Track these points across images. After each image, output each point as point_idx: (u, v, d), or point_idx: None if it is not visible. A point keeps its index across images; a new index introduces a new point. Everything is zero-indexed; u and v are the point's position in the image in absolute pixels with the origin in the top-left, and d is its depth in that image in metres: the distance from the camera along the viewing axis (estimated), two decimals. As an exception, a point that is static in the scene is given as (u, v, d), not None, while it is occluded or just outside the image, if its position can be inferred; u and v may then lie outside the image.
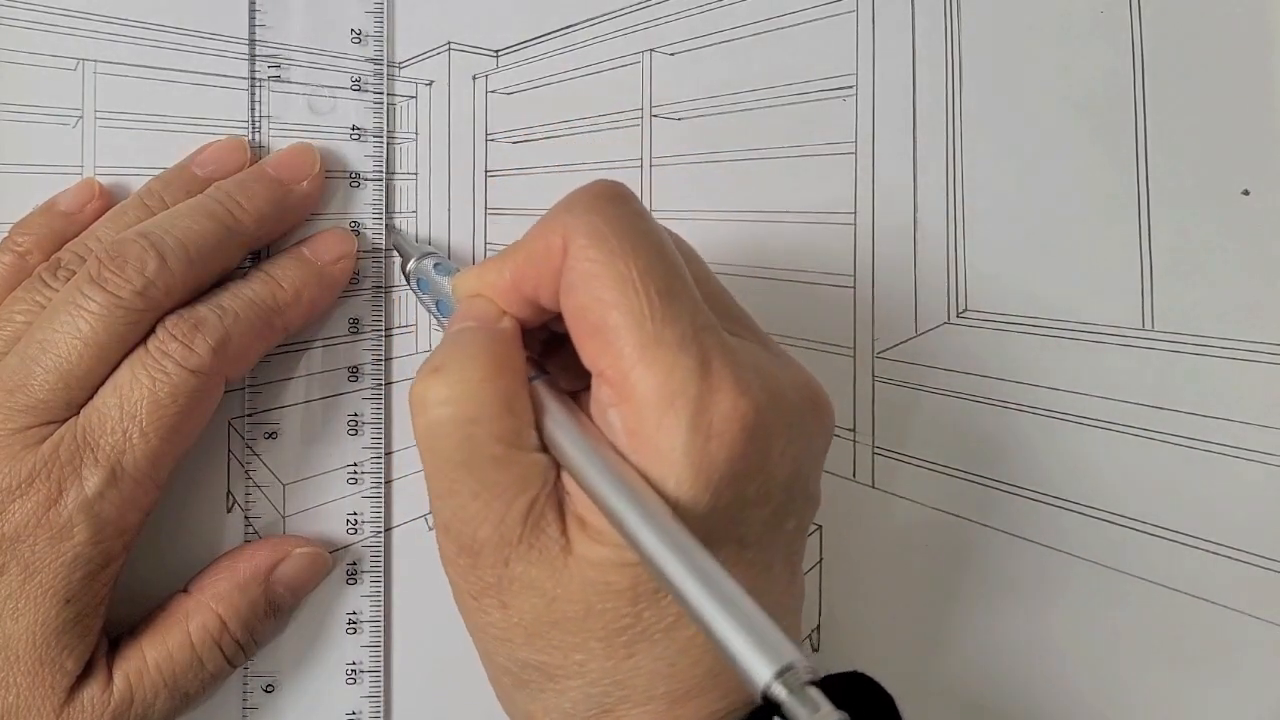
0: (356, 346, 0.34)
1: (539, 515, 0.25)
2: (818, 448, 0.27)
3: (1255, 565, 0.36)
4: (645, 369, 0.24)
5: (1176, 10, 0.37)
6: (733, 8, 0.36)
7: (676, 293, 0.25)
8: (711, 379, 0.24)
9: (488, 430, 0.25)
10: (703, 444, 0.24)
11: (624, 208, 0.26)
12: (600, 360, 0.25)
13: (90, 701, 0.29)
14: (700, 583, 0.22)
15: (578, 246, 0.25)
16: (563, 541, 0.25)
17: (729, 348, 0.25)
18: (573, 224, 0.25)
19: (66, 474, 0.29)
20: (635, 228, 0.25)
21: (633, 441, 0.25)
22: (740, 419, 0.24)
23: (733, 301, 0.29)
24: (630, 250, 0.25)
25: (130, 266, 0.29)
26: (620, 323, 0.24)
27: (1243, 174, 0.37)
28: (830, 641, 0.35)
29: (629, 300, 0.24)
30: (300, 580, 0.33)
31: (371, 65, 0.35)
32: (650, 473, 0.24)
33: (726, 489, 0.24)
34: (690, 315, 0.25)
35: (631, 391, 0.24)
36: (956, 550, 0.36)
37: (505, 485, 0.25)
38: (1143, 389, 0.36)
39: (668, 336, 0.24)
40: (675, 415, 0.24)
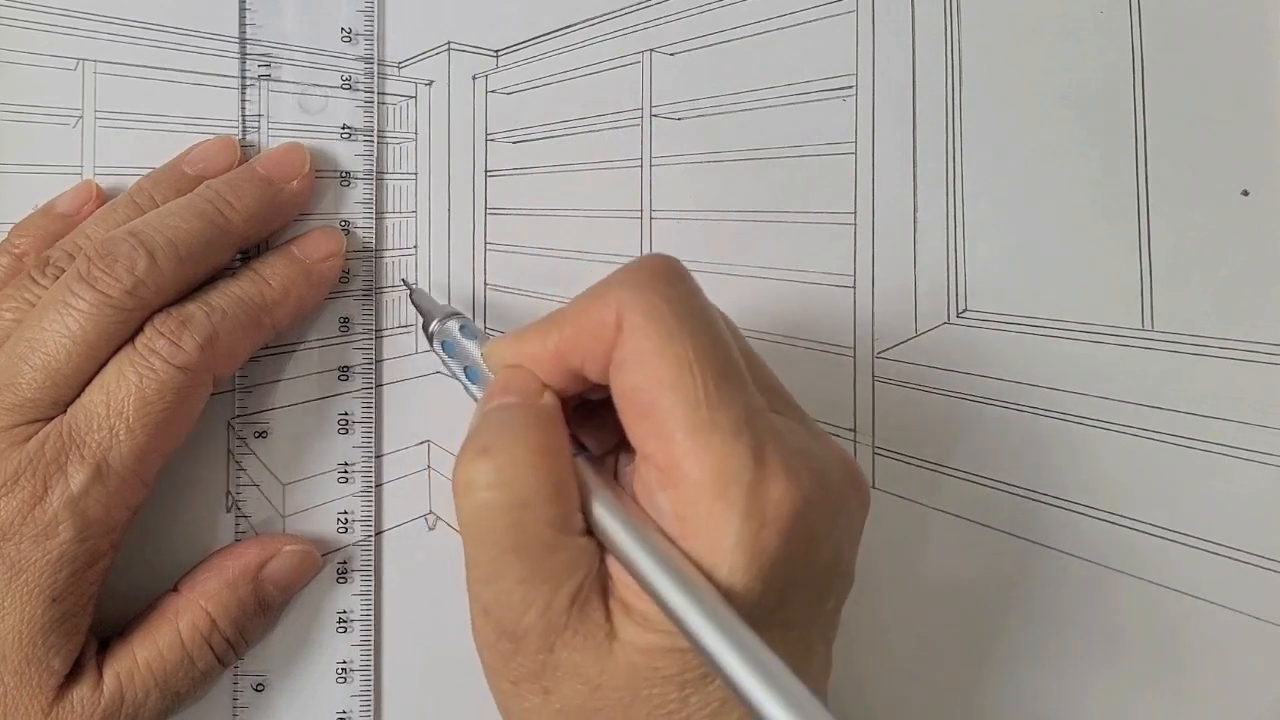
0: (347, 346, 0.34)
1: (585, 601, 0.25)
2: (856, 527, 0.27)
3: (1255, 565, 0.36)
4: (699, 455, 0.24)
5: (1176, 10, 0.37)
6: (733, 8, 0.36)
7: (730, 377, 0.24)
8: (764, 467, 0.24)
9: (537, 515, 0.25)
10: (756, 532, 0.24)
11: (681, 287, 0.25)
12: (650, 443, 0.25)
13: (80, 702, 0.29)
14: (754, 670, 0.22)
15: (633, 324, 0.24)
16: (608, 627, 0.25)
17: (778, 433, 0.25)
18: (628, 300, 0.25)
19: (52, 471, 0.28)
20: (692, 308, 0.25)
21: (683, 528, 0.24)
22: (793, 506, 0.24)
23: (772, 376, 0.28)
24: (688, 332, 0.24)
25: (120, 265, 0.29)
26: (674, 407, 0.24)
27: (1243, 174, 0.37)
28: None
29: (684, 383, 0.24)
30: (290, 578, 0.33)
31: (362, 64, 0.35)
32: (701, 559, 0.24)
33: (778, 576, 0.24)
34: (744, 400, 0.24)
35: (683, 477, 0.24)
36: (956, 550, 0.36)
37: (553, 571, 0.25)
38: (1143, 389, 0.36)
39: (722, 422, 0.24)
40: (729, 503, 0.24)
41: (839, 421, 0.36)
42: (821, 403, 0.36)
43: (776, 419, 0.25)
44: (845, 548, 0.26)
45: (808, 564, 0.25)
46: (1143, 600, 0.36)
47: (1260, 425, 0.36)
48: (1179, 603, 0.36)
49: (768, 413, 0.25)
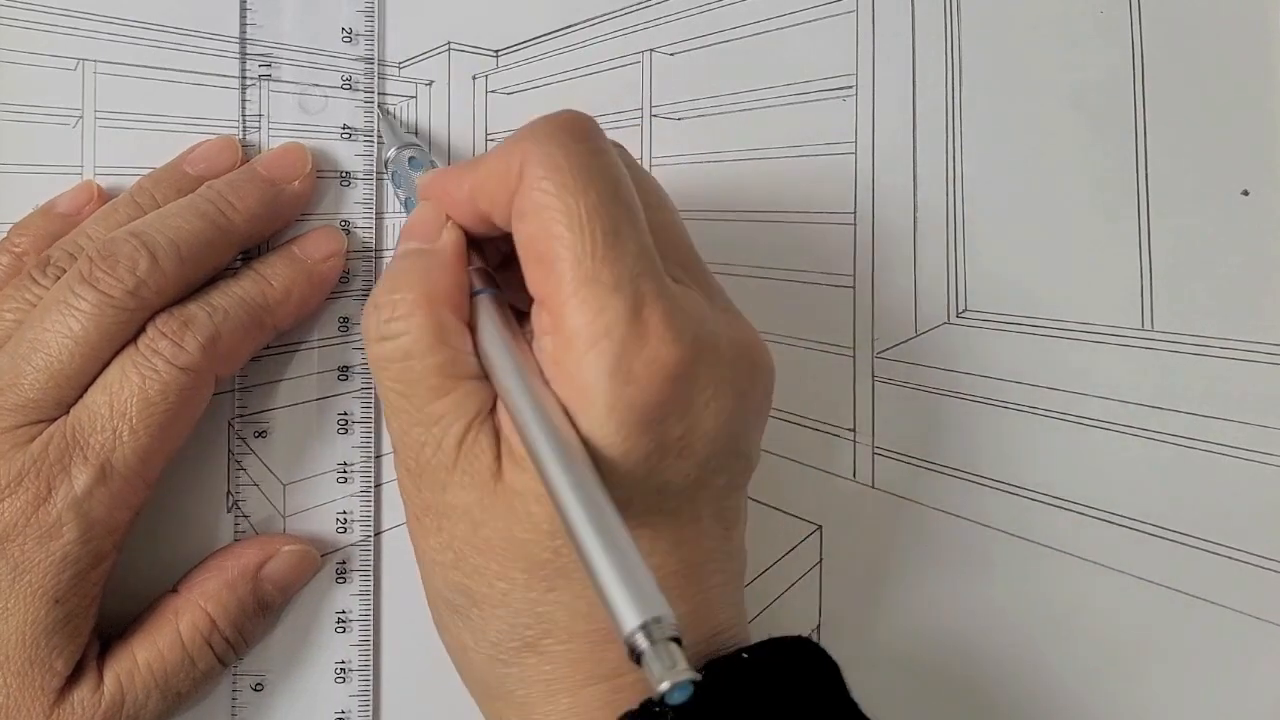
0: (346, 346, 0.34)
1: (473, 442, 0.26)
2: (751, 405, 0.27)
3: (1255, 565, 0.36)
4: (577, 304, 0.24)
5: (1176, 10, 0.37)
6: (733, 8, 0.36)
7: (622, 234, 0.25)
8: (641, 324, 0.24)
9: (424, 363, 0.26)
10: (621, 387, 0.24)
11: (584, 143, 0.26)
12: (542, 288, 0.25)
13: (81, 703, 0.29)
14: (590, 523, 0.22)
15: (532, 175, 0.25)
16: (494, 467, 0.26)
17: (668, 294, 0.25)
18: (532, 151, 0.25)
19: (55, 472, 0.28)
20: (591, 164, 0.25)
21: (555, 372, 0.25)
22: (663, 366, 0.24)
23: (690, 251, 0.28)
24: (582, 186, 0.25)
25: (122, 265, 0.29)
26: (562, 256, 0.24)
27: (1243, 174, 0.37)
28: (830, 641, 0.35)
29: (573, 235, 0.24)
30: (289, 578, 0.33)
31: (363, 64, 0.35)
32: (570, 407, 0.24)
33: (643, 434, 0.24)
34: (633, 258, 0.25)
35: (563, 324, 0.25)
36: (956, 550, 0.36)
37: (442, 413, 0.26)
38: (1143, 389, 0.36)
39: (604, 276, 0.24)
40: (598, 354, 0.24)
41: (839, 421, 0.36)
42: (821, 403, 0.36)
43: (673, 285, 0.26)
44: (737, 424, 0.26)
45: (683, 431, 0.25)
46: (1143, 600, 0.36)
47: (1260, 425, 0.36)
48: (1179, 602, 0.36)
49: (661, 275, 0.25)
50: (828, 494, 0.36)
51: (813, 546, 0.35)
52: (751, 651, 0.26)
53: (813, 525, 0.35)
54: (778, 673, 0.26)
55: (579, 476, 0.23)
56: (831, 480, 0.36)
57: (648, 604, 0.21)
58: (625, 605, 0.21)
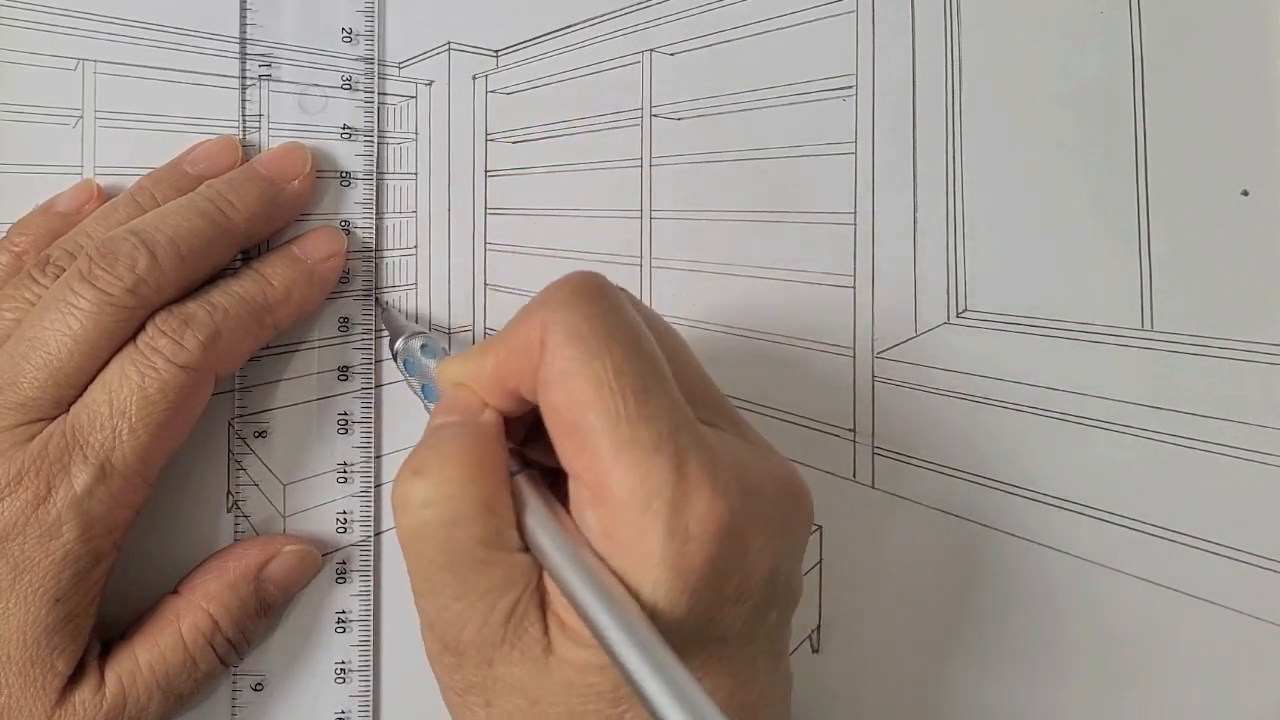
0: (346, 346, 0.34)
1: (521, 616, 0.25)
2: (797, 540, 0.27)
3: (1255, 565, 0.36)
4: (621, 471, 0.23)
5: (1176, 10, 0.37)
6: (733, 8, 0.36)
7: (652, 391, 0.24)
8: (687, 481, 0.23)
9: (469, 533, 0.25)
10: (679, 548, 0.23)
11: (601, 303, 0.25)
12: (576, 462, 0.24)
13: (83, 704, 0.29)
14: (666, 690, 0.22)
15: (554, 344, 0.24)
16: (545, 642, 0.25)
17: (705, 445, 0.24)
18: (550, 320, 0.25)
19: (55, 471, 0.28)
20: (611, 324, 0.25)
21: (609, 545, 0.24)
22: (717, 520, 0.24)
23: (712, 389, 0.28)
24: (606, 350, 0.24)
25: (121, 264, 0.29)
26: (595, 424, 0.24)
27: (1243, 174, 0.36)
28: (830, 641, 0.35)
29: (604, 401, 0.24)
30: (290, 578, 0.33)
31: (363, 64, 0.35)
32: (628, 577, 0.24)
33: (705, 591, 0.24)
34: (667, 414, 0.24)
35: (608, 495, 0.24)
36: (956, 550, 0.36)
37: (488, 587, 0.25)
38: (1143, 389, 0.36)
39: (643, 437, 0.24)
40: (652, 519, 0.23)
41: (839, 421, 0.36)
42: (821, 403, 0.36)
43: (708, 431, 0.25)
44: (785, 561, 0.26)
45: (740, 579, 0.24)
46: (1142, 600, 0.36)
47: (1260, 425, 0.36)
48: (1179, 602, 0.36)
49: (696, 425, 0.25)
50: (828, 494, 0.35)
51: (812, 546, 0.35)
52: None
53: (813, 525, 0.35)
54: None
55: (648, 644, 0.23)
56: (831, 480, 0.36)
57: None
58: None
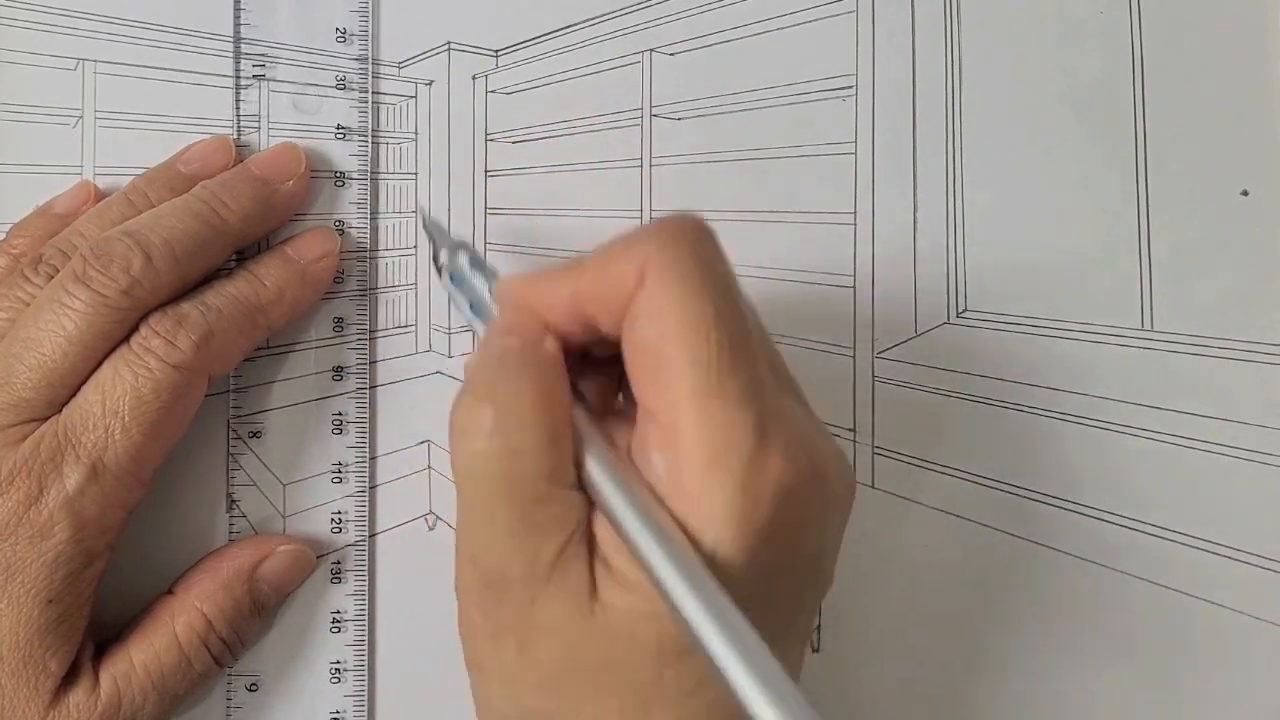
0: (341, 346, 0.34)
1: (571, 557, 0.24)
2: (841, 523, 0.27)
3: (1255, 565, 0.35)
4: (701, 419, 0.23)
5: (1176, 10, 0.37)
6: (733, 8, 0.36)
7: (744, 347, 0.24)
8: (766, 441, 0.23)
9: (533, 465, 0.24)
10: (748, 504, 0.23)
11: (708, 248, 0.25)
12: (654, 399, 0.24)
13: (77, 706, 0.29)
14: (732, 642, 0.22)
15: (657, 278, 0.24)
16: (590, 586, 0.24)
17: (783, 412, 0.24)
18: (655, 255, 0.24)
19: (47, 471, 0.28)
20: (716, 271, 0.24)
21: (674, 490, 0.24)
22: (788, 486, 0.23)
23: (780, 359, 0.27)
24: (709, 294, 0.23)
25: (115, 265, 0.29)
26: (684, 366, 0.23)
27: (1243, 174, 0.36)
28: (830, 641, 0.35)
29: (698, 344, 0.23)
30: (284, 578, 0.33)
31: (357, 64, 0.34)
32: (689, 524, 0.23)
33: (763, 554, 0.23)
34: (752, 371, 0.24)
35: (681, 439, 0.23)
36: (957, 551, 0.35)
37: (543, 523, 0.24)
38: (1143, 389, 0.36)
39: (730, 390, 0.23)
40: (725, 471, 0.23)
41: (839, 421, 0.36)
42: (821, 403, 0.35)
43: (783, 399, 0.25)
44: (829, 542, 0.26)
45: (794, 549, 0.24)
46: (1143, 600, 0.35)
47: (1260, 425, 0.36)
48: (1179, 602, 0.35)
49: (776, 390, 0.25)
50: (827, 494, 0.35)
51: (813, 546, 0.35)
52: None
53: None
54: None
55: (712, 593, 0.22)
56: (832, 480, 0.35)
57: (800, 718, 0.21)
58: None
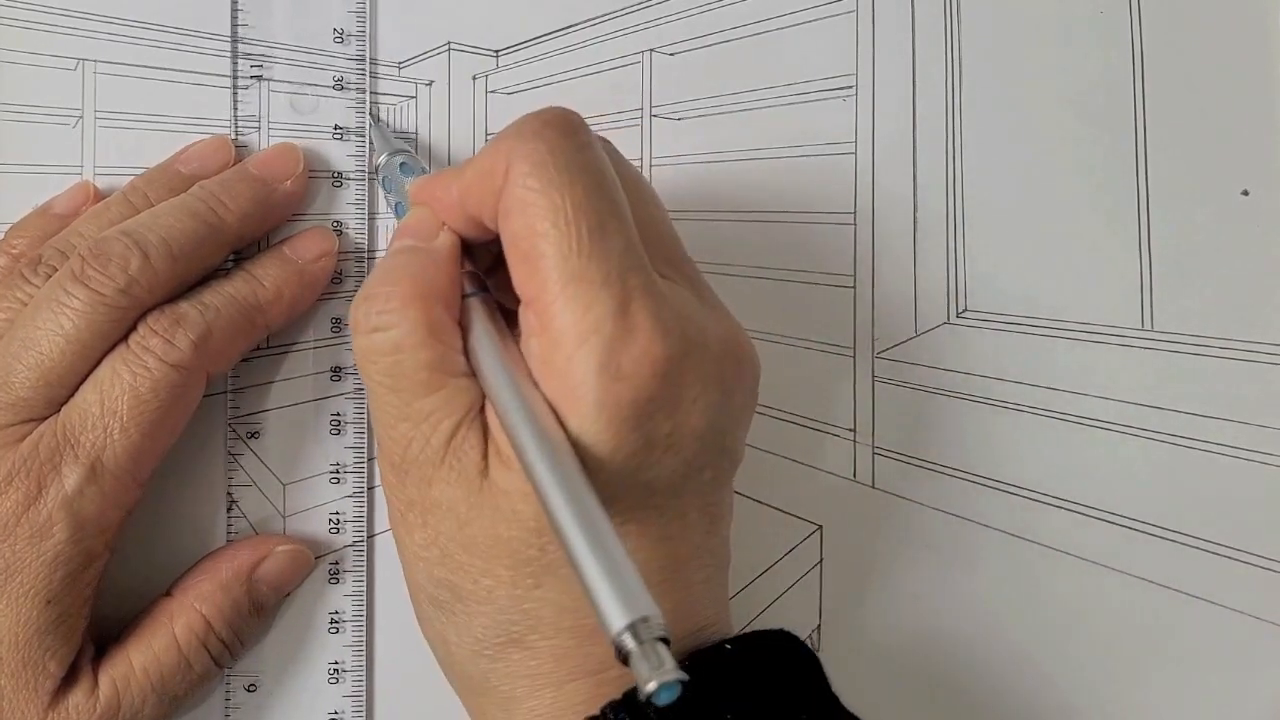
0: (339, 346, 0.34)
1: (462, 440, 0.25)
2: (738, 401, 0.27)
3: (1255, 565, 0.35)
4: (564, 303, 0.24)
5: (1176, 10, 0.37)
6: (733, 8, 0.36)
7: (608, 230, 0.24)
8: (629, 320, 0.24)
9: (414, 358, 0.25)
10: (610, 384, 0.24)
11: (571, 139, 0.25)
12: (526, 289, 0.25)
13: (76, 708, 0.29)
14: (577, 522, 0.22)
15: (517, 172, 0.25)
16: (481, 465, 0.25)
17: (655, 290, 0.25)
18: (517, 149, 0.25)
19: (46, 471, 0.28)
20: (577, 160, 0.25)
21: (544, 372, 0.25)
22: (652, 362, 0.24)
23: (677, 246, 0.28)
24: (567, 182, 0.24)
25: (114, 264, 0.28)
26: (548, 253, 0.24)
27: (1243, 174, 0.36)
28: (830, 641, 0.35)
29: (558, 232, 0.24)
30: (283, 578, 0.33)
31: (354, 64, 0.34)
32: (558, 406, 0.24)
33: (632, 431, 0.24)
34: (619, 254, 0.24)
35: (550, 323, 0.24)
36: (956, 550, 0.35)
37: (431, 410, 0.25)
38: (1142, 389, 0.36)
39: (591, 273, 0.24)
40: (586, 352, 0.24)
41: (839, 421, 0.35)
42: (821, 403, 0.35)
43: (661, 281, 0.25)
44: (722, 419, 0.26)
45: (671, 426, 0.25)
46: (1143, 600, 0.35)
47: (1260, 425, 0.36)
48: (1179, 602, 0.35)
49: (648, 271, 0.25)
50: (828, 494, 0.35)
51: (813, 546, 0.35)
52: (734, 643, 0.26)
53: (813, 525, 0.35)
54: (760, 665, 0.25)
55: (566, 476, 0.23)
56: (831, 480, 0.35)
57: (635, 604, 0.21)
58: (612, 605, 0.21)
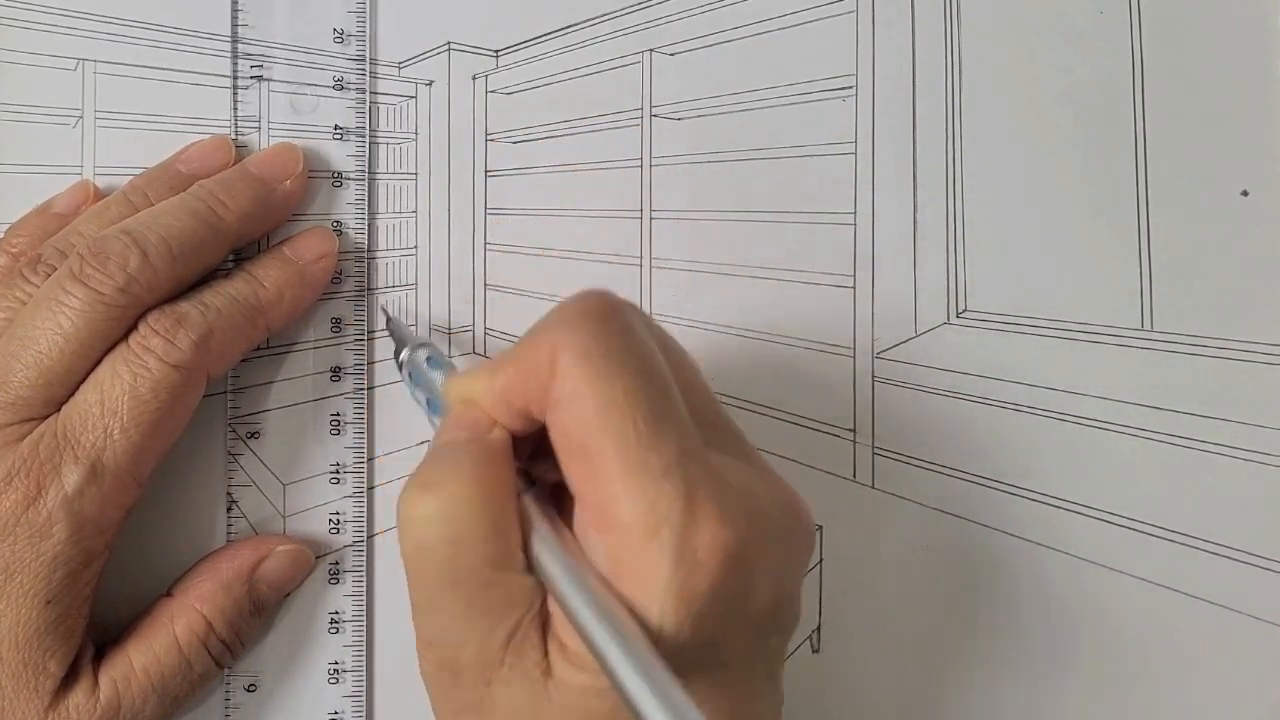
0: (339, 347, 0.34)
1: (522, 639, 0.24)
2: (799, 565, 0.26)
3: (1255, 565, 0.35)
4: (629, 498, 0.23)
5: (1176, 10, 0.36)
6: (733, 8, 0.36)
7: (663, 416, 0.24)
8: (695, 509, 0.23)
9: (475, 552, 0.24)
10: (686, 575, 0.23)
11: (612, 324, 0.25)
12: (583, 485, 0.24)
13: (76, 708, 0.29)
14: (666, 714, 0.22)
15: (564, 366, 0.24)
16: (544, 665, 0.24)
17: (713, 473, 0.24)
18: (562, 340, 0.24)
19: (46, 471, 0.28)
20: (623, 347, 0.24)
21: (616, 570, 0.24)
22: (724, 549, 0.23)
23: (717, 410, 0.27)
24: (617, 373, 0.24)
25: (113, 263, 0.28)
26: (605, 448, 0.23)
27: (1242, 174, 0.36)
28: (830, 641, 0.35)
29: (613, 425, 0.23)
30: (283, 578, 0.32)
31: (354, 65, 0.34)
32: (633, 602, 0.23)
33: (709, 617, 0.23)
34: (677, 440, 0.24)
35: (614, 520, 0.23)
36: (956, 551, 0.35)
37: (491, 608, 0.24)
38: (1142, 389, 0.36)
39: (653, 464, 0.23)
40: (659, 546, 0.23)
41: (839, 421, 0.35)
42: (821, 403, 0.35)
43: (715, 457, 0.25)
44: (788, 586, 0.26)
45: (744, 605, 0.24)
46: (1142, 600, 0.35)
47: (1260, 425, 0.36)
48: (1179, 602, 0.35)
49: (704, 452, 0.24)
50: (828, 494, 0.35)
51: (813, 546, 0.35)
52: None
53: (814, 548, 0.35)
54: None
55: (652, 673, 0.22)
56: (831, 480, 0.35)
57: None
58: None
